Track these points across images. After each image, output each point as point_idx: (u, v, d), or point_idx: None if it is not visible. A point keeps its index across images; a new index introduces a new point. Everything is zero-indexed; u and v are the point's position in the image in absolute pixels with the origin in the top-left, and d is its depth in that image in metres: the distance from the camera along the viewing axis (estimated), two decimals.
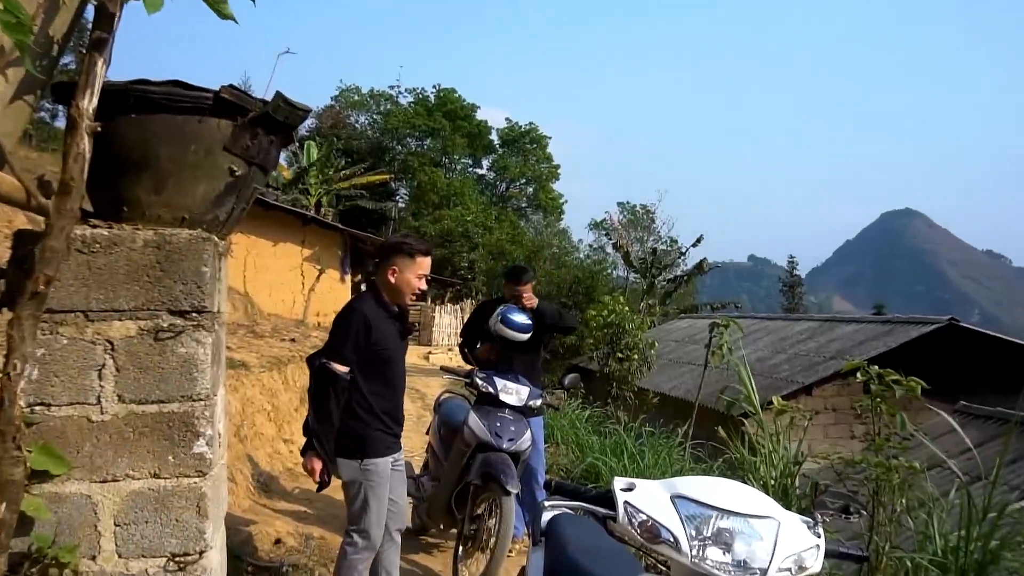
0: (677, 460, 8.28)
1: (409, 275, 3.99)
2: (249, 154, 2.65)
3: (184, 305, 2.58)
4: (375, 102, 51.83)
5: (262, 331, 11.88)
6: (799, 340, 18.26)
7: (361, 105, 51.50)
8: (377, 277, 4.04)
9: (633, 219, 49.59)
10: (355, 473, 3.84)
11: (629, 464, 7.82)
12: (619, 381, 13.11)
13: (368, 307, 3.91)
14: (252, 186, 2.77)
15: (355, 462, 3.83)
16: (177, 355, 2.58)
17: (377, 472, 3.89)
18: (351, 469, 3.84)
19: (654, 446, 8.42)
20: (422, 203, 44.99)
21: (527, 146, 52.53)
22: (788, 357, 17.11)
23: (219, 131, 2.58)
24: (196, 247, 2.59)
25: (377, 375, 3.91)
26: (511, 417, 5.14)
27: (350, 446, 3.82)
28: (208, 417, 2.62)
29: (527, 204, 53.79)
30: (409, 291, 4.02)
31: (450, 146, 49.05)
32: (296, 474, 7.32)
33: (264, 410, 7.63)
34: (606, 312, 13.56)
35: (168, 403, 2.58)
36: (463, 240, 35.76)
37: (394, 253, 3.98)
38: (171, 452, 2.59)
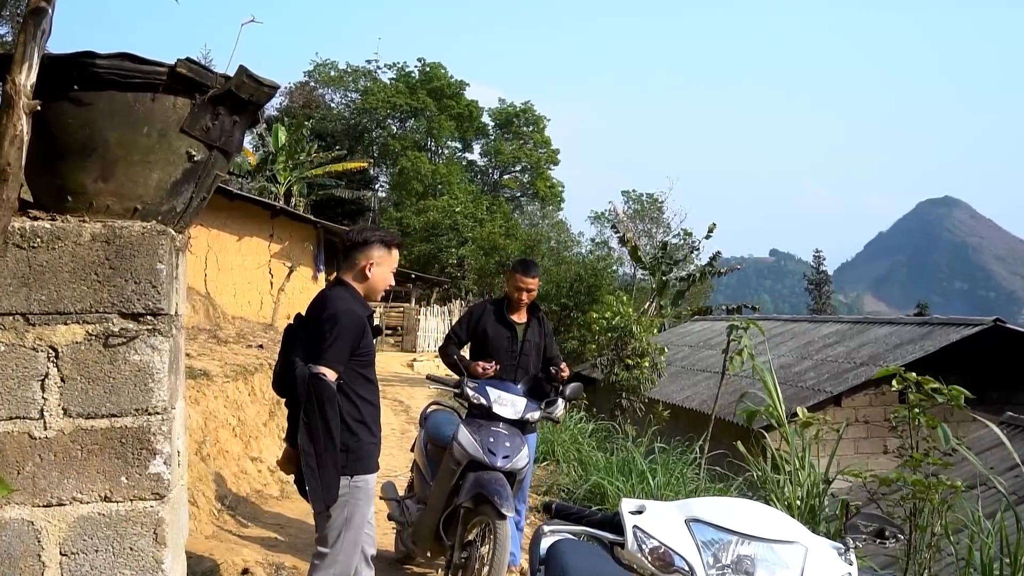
0: (692, 479, 8.26)
1: (386, 269, 4.01)
2: (209, 136, 2.64)
3: (137, 307, 2.57)
4: (352, 79, 51.77)
5: (226, 336, 11.84)
6: (826, 344, 18.28)
7: (338, 82, 51.45)
8: (348, 272, 4.02)
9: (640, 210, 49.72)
10: (343, 491, 3.82)
11: (638, 484, 7.80)
12: (626, 391, 13.11)
13: (356, 306, 3.91)
14: (213, 173, 2.76)
15: (345, 479, 3.81)
16: (130, 363, 2.57)
17: (367, 490, 3.90)
18: (340, 487, 3.83)
19: (666, 464, 8.41)
20: (404, 192, 45.00)
21: (523, 128, 52.58)
22: (814, 363, 17.12)
23: (175, 110, 2.57)
24: (150, 241, 2.58)
25: (364, 380, 3.92)
26: (506, 432, 5.12)
27: (339, 462, 3.81)
28: (165, 433, 2.61)
29: (522, 193, 53.84)
30: (384, 287, 4.06)
31: (436, 128, 49.11)
32: (266, 496, 7.30)
33: (229, 425, 7.60)
34: (610, 314, 13.57)
35: (120, 417, 2.57)
36: (451, 233, 35.75)
37: (370, 245, 3.97)
38: (124, 472, 2.57)
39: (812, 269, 67.32)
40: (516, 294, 5.90)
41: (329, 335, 3.74)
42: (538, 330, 6.01)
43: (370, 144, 50.81)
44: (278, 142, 32.10)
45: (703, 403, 16.24)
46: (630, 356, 13.19)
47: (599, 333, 14.10)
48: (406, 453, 9.00)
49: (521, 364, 5.94)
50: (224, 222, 18.38)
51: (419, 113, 49.37)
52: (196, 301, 14.18)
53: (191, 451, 6.30)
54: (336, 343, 3.74)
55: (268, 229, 19.93)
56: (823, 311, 57.02)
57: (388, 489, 6.08)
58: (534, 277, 5.89)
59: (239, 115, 2.71)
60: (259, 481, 7.53)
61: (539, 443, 9.46)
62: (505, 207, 45.05)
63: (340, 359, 3.75)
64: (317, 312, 3.88)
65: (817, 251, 66.72)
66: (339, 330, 3.76)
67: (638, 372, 13.07)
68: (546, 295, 24.15)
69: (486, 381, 5.42)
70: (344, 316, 3.81)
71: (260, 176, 31.58)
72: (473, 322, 6.05)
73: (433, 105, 48.91)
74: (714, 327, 23.79)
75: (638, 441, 9.40)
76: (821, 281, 64.10)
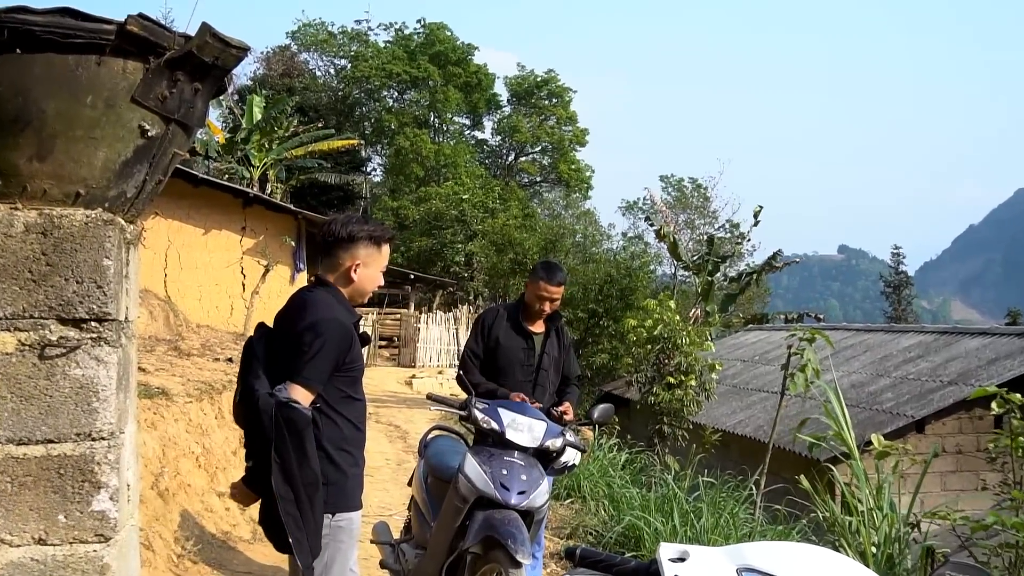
0: (745, 521, 8.23)
1: (374, 270, 3.98)
2: (166, 107, 2.63)
3: (79, 311, 2.56)
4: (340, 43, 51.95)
5: (189, 348, 11.88)
6: (907, 359, 18.18)
7: (324, 46, 51.62)
8: (330, 272, 4.00)
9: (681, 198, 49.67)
10: (323, 531, 3.81)
11: (680, 526, 7.77)
12: (668, 415, 13.07)
13: (341, 312, 3.88)
14: (171, 151, 2.75)
15: (324, 517, 3.79)
16: (70, 378, 2.56)
17: (350, 530, 3.88)
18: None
19: (714, 502, 8.38)
20: (402, 177, 45.17)
21: (543, 102, 52.54)
22: (892, 382, 17.03)
23: (125, 77, 2.56)
24: (95, 233, 2.57)
25: (348, 400, 3.89)
26: (522, 462, 5.09)
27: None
28: (112, 462, 2.60)
29: (542, 178, 53.88)
30: (372, 290, 4.05)
31: (440, 101, 49.17)
32: (235, 539, 7.30)
33: (191, 454, 7.61)
34: (650, 322, 13.51)
35: (59, 443, 2.56)
36: (457, 226, 35.78)
37: (356, 242, 3.95)
38: (63, 509, 2.56)
39: (889, 269, 67.05)
40: (537, 303, 5.90)
41: (308, 348, 3.68)
42: (557, 342, 6.02)
43: (361, 120, 50.99)
44: (252, 117, 32.16)
45: (758, 429, 16.19)
46: (673, 373, 13.14)
47: (635, 345, 14.06)
48: (403, 488, 8.99)
49: (539, 381, 5.95)
50: (187, 212, 18.42)
51: (419, 83, 49.47)
52: (154, 306, 14.23)
53: (145, 485, 6.30)
54: (317, 357, 3.70)
55: (240, 220, 19.98)
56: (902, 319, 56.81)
57: (381, 531, 6.06)
58: (560, 285, 5.92)
59: (202, 82, 2.69)
60: (227, 521, 7.53)
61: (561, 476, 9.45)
62: (521, 194, 45.12)
63: (320, 377, 3.72)
64: (293, 319, 3.83)
65: (895, 248, 66.51)
66: (321, 342, 3.71)
67: (682, 393, 13.02)
68: (571, 299, 24.13)
69: (498, 402, 5.40)
70: (327, 325, 3.77)
71: (230, 157, 31.66)
72: (485, 332, 6.05)
73: (436, 73, 48.95)
74: (771, 338, 23.73)
75: (681, 475, 9.37)
76: (900, 283, 63.86)
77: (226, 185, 20.43)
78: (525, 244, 28.32)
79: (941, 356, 17.50)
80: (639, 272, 26.40)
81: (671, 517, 7.96)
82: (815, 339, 9.06)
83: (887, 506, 6.11)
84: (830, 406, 6.96)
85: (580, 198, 51.96)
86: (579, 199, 51.81)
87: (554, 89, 52.34)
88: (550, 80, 52.46)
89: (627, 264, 26.70)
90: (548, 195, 53.85)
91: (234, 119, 34.59)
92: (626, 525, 7.98)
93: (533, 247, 27.92)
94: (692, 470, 9.40)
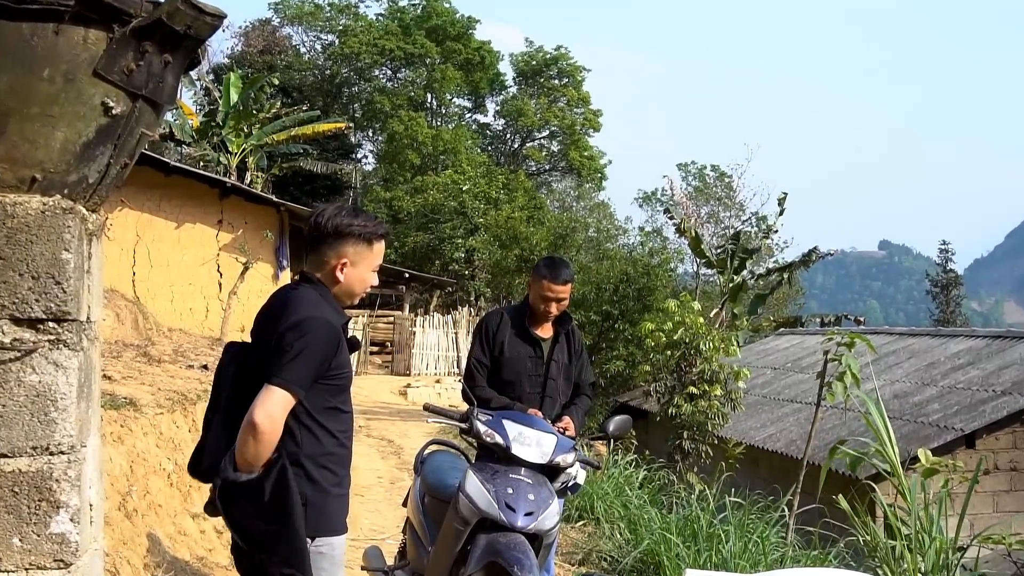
0: (776, 545, 8.22)
1: (364, 269, 3.95)
2: (132, 82, 2.62)
3: (35, 310, 2.55)
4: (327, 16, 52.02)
5: (160, 354, 11.88)
6: (956, 366, 18.15)
7: (309, 19, 51.69)
8: (315, 269, 3.98)
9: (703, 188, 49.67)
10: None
11: (705, 550, 7.77)
12: (690, 429, 13.06)
13: (328, 312, 3.86)
14: (138, 131, 2.73)
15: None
16: (25, 385, 2.55)
17: (332, 556, 3.86)
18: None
19: (742, 524, 8.37)
20: (396, 165, 45.20)
21: (553, 82, 52.57)
22: (939, 392, 17.00)
23: (86, 47, 2.54)
24: (52, 223, 2.56)
25: (333, 412, 3.86)
26: (529, 480, 5.07)
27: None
28: (72, 479, 2.59)
29: (551, 166, 53.92)
30: (362, 290, 4.02)
31: (438, 81, 49.18)
32: (211, 565, 7.29)
33: (163, 470, 7.61)
34: (671, 325, 13.49)
35: (12, 458, 2.55)
36: (457, 219, 35.85)
37: (344, 238, 3.92)
38: (17, 532, 2.56)
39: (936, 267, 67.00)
40: (542, 305, 5.85)
41: (289, 348, 3.64)
42: (567, 348, 5.99)
43: (351, 101, 51.10)
44: (229, 99, 32.21)
45: (791, 444, 16.16)
46: (696, 382, 13.12)
47: (654, 351, 14.04)
48: (397, 509, 8.97)
49: (547, 392, 5.92)
50: (158, 204, 18.44)
51: (415, 60, 49.57)
52: (121, 307, 14.24)
53: (112, 505, 6.30)
54: (299, 359, 3.65)
55: (216, 213, 20.00)
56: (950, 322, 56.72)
57: (373, 556, 6.05)
58: (565, 283, 5.84)
59: (172, 54, 2.68)
60: (202, 545, 7.52)
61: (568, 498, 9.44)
62: (528, 184, 45.10)
63: (301, 381, 3.67)
64: (275, 318, 3.79)
65: (943, 244, 66.42)
66: (305, 342, 3.67)
67: (706, 404, 13.01)
68: (583, 300, 24.14)
69: (502, 413, 5.38)
70: (312, 324, 3.74)
71: (205, 143, 31.71)
72: (489, 339, 6.01)
73: (434, 50, 49.02)
74: (806, 343, 23.70)
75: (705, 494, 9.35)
76: (948, 283, 63.72)
77: (201, 174, 20.43)
78: (532, 239, 28.29)
79: (994, 363, 17.47)
80: (658, 270, 26.34)
81: (694, 541, 7.96)
82: (854, 344, 9.04)
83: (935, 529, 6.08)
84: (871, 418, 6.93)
85: (593, 188, 51.91)
86: (592, 190, 51.75)
87: (565, 68, 52.37)
88: (561, 57, 52.49)
89: (645, 261, 26.64)
90: (558, 185, 53.86)
91: (209, 100, 34.62)
92: (644, 550, 7.97)
93: (541, 242, 27.88)
94: (717, 489, 9.38)
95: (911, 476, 6.54)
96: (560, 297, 5.81)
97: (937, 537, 6.05)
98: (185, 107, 33.05)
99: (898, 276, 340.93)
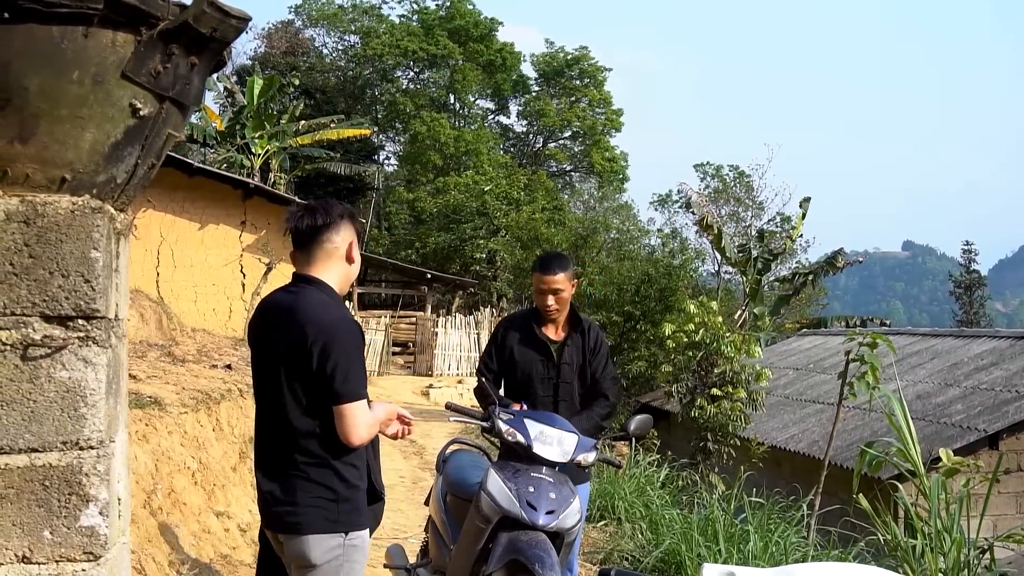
0: (797, 545, 8.20)
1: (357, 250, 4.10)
2: (160, 84, 2.64)
3: (65, 308, 2.57)
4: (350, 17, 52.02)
5: (184, 353, 11.92)
6: (979, 367, 18.05)
7: (332, 21, 51.69)
8: (318, 265, 4.01)
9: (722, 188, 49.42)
10: (334, 552, 3.84)
11: (726, 550, 7.76)
12: (712, 431, 13.04)
13: (346, 311, 3.95)
14: (165, 131, 2.76)
15: (336, 537, 3.83)
16: (56, 381, 2.57)
17: (364, 550, 3.93)
18: (330, 547, 3.84)
19: (762, 524, 8.35)
20: (418, 166, 45.18)
21: (574, 82, 52.46)
22: (962, 392, 16.92)
23: (115, 50, 2.56)
24: (82, 222, 2.58)
25: None
26: (551, 479, 5.07)
27: (331, 515, 3.82)
28: (102, 473, 2.61)
29: (573, 167, 53.81)
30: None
31: (460, 82, 49.14)
32: (235, 563, 7.32)
33: (187, 469, 7.64)
34: (691, 326, 13.47)
35: (43, 452, 2.57)
36: (478, 220, 35.82)
37: (349, 221, 4.03)
38: (47, 525, 2.58)
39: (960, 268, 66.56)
40: (540, 299, 5.78)
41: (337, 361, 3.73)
42: (581, 348, 5.90)
43: (373, 103, 51.10)
44: (253, 101, 32.22)
45: (812, 444, 16.11)
46: (718, 384, 13.10)
47: (675, 352, 14.03)
48: (419, 508, 9.00)
49: (560, 395, 5.84)
50: (181, 205, 18.46)
51: (438, 62, 49.53)
52: (145, 308, 14.29)
53: (137, 503, 6.33)
54: (351, 367, 3.76)
55: (239, 214, 20.02)
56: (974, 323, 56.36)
57: (395, 554, 6.06)
58: (556, 273, 5.72)
59: (198, 56, 2.70)
60: (227, 543, 7.55)
61: (594, 495, 9.44)
62: (550, 185, 45.01)
63: (362, 383, 3.80)
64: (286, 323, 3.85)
65: (967, 244, 65.98)
66: (347, 348, 3.78)
67: (728, 405, 12.98)
68: (605, 301, 24.10)
69: (524, 412, 5.38)
70: (345, 326, 3.83)
71: (228, 145, 31.75)
72: (497, 342, 5.99)
73: (457, 51, 48.95)
74: (828, 344, 23.61)
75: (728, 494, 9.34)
76: (972, 284, 63.28)
77: (224, 175, 20.44)
78: (553, 240, 28.28)
79: (1017, 364, 17.37)
80: (680, 271, 26.26)
81: (716, 541, 7.95)
82: (877, 344, 9.01)
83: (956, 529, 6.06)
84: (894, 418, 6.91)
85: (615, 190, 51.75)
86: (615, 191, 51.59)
87: (586, 68, 52.26)
88: (582, 58, 52.40)
89: (667, 262, 26.57)
90: (581, 186, 53.72)
91: (232, 103, 34.65)
92: (665, 549, 7.96)
93: (562, 243, 27.85)
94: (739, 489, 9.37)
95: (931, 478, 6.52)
96: (554, 288, 5.70)
97: (958, 536, 6.03)
98: (209, 110, 33.11)
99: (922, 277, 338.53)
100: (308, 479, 3.78)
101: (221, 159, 30.31)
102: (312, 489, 3.78)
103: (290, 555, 3.89)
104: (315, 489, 3.79)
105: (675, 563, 7.74)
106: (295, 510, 3.78)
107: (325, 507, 3.80)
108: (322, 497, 3.79)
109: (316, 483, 3.78)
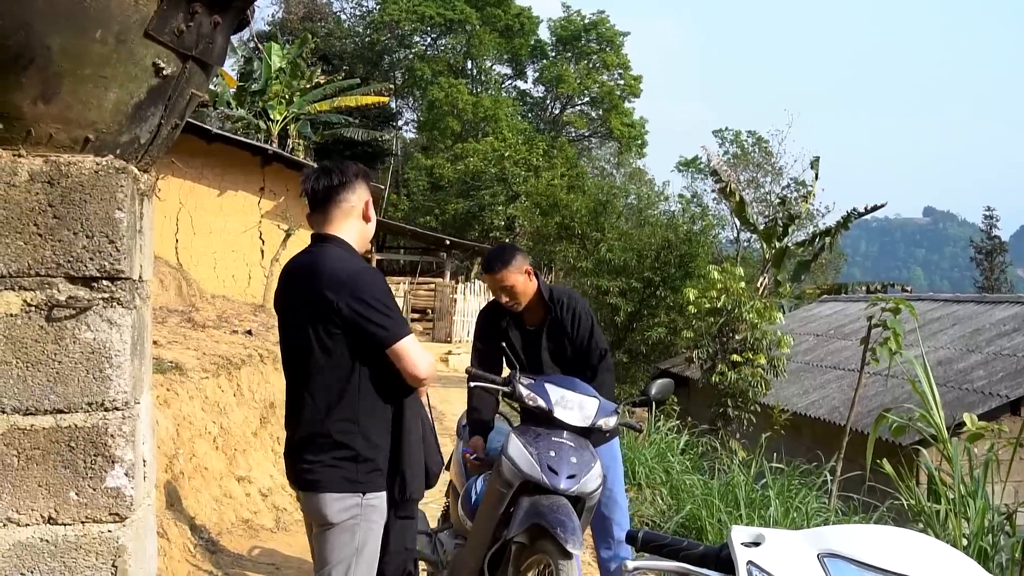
0: (819, 510, 8.19)
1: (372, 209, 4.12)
2: (183, 43, 2.63)
3: (90, 269, 2.58)
4: None
5: (204, 319, 11.95)
6: (1001, 333, 17.97)
7: None
8: (336, 223, 4.02)
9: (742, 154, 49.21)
10: (351, 512, 3.85)
11: (747, 515, 7.76)
12: (733, 397, 13.02)
13: (366, 264, 3.98)
14: (188, 91, 2.75)
15: (354, 496, 3.84)
16: (81, 342, 2.58)
17: (381, 511, 3.95)
18: (346, 507, 3.85)
19: (783, 489, 8.35)
20: (436, 132, 45.03)
21: (592, 47, 52.18)
22: (984, 358, 16.85)
23: (137, 8, 2.55)
24: (106, 182, 2.58)
25: (384, 368, 3.91)
26: (572, 443, 5.07)
27: (350, 475, 3.83)
28: (127, 434, 2.62)
29: (591, 133, 53.61)
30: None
31: (478, 47, 48.93)
32: (256, 527, 7.36)
33: (208, 434, 7.67)
34: (714, 292, 13.42)
35: (68, 413, 2.58)
36: (497, 186, 35.74)
37: (359, 179, 4.05)
38: (74, 486, 2.59)
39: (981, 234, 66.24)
40: (496, 297, 5.70)
41: (376, 305, 3.79)
42: (559, 329, 5.72)
43: (391, 69, 50.90)
44: (271, 67, 32.15)
45: (833, 411, 16.07)
46: (739, 350, 13.06)
47: (696, 317, 13.98)
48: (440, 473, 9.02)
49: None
50: (200, 171, 18.49)
51: (456, 27, 49.26)
52: (165, 274, 14.32)
53: (159, 467, 6.36)
54: (390, 309, 3.83)
55: (258, 180, 20.04)
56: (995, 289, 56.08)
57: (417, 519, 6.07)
58: (498, 271, 5.53)
59: (221, 15, 2.70)
60: (248, 508, 7.59)
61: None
62: (569, 151, 44.82)
63: (404, 322, 3.90)
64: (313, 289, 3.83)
65: (988, 209, 65.64)
66: (376, 293, 3.83)
67: (749, 371, 12.96)
68: (624, 267, 24.04)
69: (545, 377, 5.37)
70: (368, 275, 3.88)
71: (248, 110, 31.70)
72: (486, 329, 5.93)
73: (474, 16, 48.70)
74: (848, 310, 23.52)
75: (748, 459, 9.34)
76: (993, 250, 62.98)
77: (243, 141, 20.46)
78: (573, 206, 28.14)
79: None
80: (700, 236, 26.14)
81: (736, 506, 7.95)
82: (900, 310, 8.97)
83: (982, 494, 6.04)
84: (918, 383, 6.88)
85: (634, 156, 51.58)
86: (633, 157, 51.41)
87: (604, 32, 51.93)
88: (600, 23, 52.06)
89: (687, 228, 26.44)
90: (598, 152, 53.56)
91: (251, 68, 34.58)
92: (686, 515, 7.97)
93: (581, 209, 27.74)
94: (760, 455, 9.36)
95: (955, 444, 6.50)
96: (504, 285, 5.53)
97: (982, 502, 6.02)
98: (226, 75, 33.05)
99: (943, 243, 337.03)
100: (330, 437, 3.80)
101: (239, 125, 30.24)
102: (333, 449, 3.81)
103: (309, 512, 3.95)
104: (336, 449, 3.81)
105: (695, 528, 7.75)
106: (314, 467, 3.81)
107: (344, 467, 3.82)
108: (343, 457, 3.81)
109: (338, 443, 3.80)
